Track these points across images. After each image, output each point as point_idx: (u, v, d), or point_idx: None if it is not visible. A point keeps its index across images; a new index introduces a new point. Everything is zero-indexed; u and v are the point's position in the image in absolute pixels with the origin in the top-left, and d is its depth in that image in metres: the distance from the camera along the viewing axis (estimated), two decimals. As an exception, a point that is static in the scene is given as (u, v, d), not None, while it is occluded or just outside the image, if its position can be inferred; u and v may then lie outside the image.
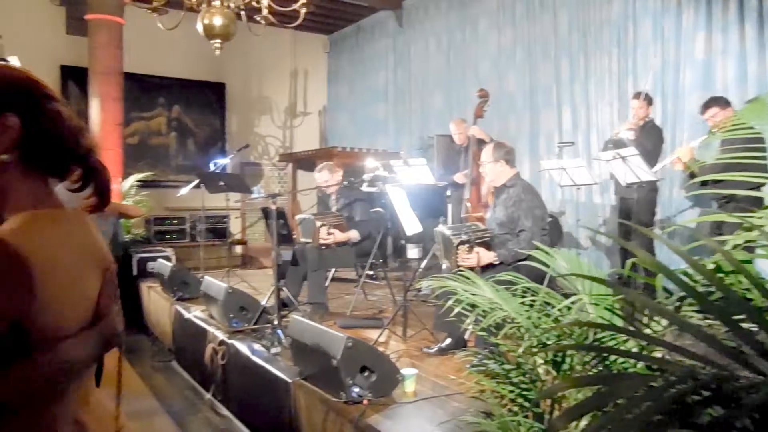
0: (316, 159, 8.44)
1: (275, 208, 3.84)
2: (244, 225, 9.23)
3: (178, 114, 9.28)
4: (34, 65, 6.12)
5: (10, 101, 0.99)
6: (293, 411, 2.96)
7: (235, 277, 5.64)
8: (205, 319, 4.36)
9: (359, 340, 2.75)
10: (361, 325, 4.08)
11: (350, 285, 5.80)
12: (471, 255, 3.32)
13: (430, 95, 8.24)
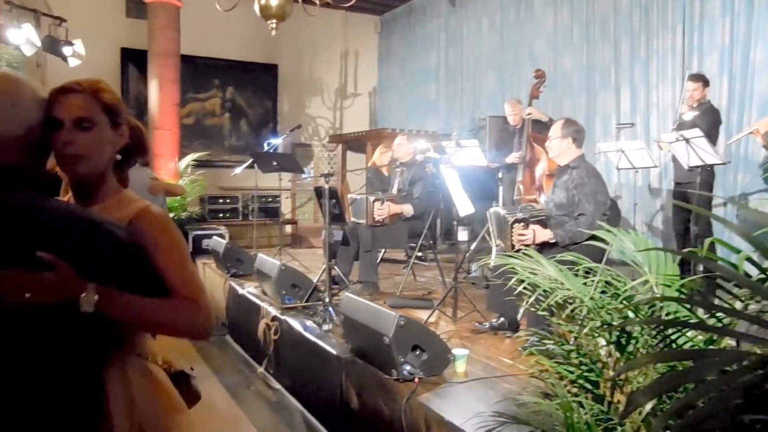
0: (366, 140, 8.47)
1: (328, 187, 3.88)
2: (294, 205, 9.38)
3: (232, 95, 9.45)
4: (97, 48, 6.36)
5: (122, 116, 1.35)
6: (344, 386, 3.01)
7: (286, 256, 5.74)
8: (258, 295, 4.46)
9: (411, 318, 2.76)
10: (410, 306, 4.09)
11: (399, 266, 5.82)
12: (527, 232, 3.27)
13: (482, 76, 8.11)
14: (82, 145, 1.26)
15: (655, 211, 5.82)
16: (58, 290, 1.10)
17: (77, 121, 1.25)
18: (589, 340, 1.48)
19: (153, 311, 1.23)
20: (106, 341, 1.21)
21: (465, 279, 4.87)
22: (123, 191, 1.37)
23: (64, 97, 1.27)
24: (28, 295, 1.08)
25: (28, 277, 1.08)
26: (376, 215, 4.45)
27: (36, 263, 1.08)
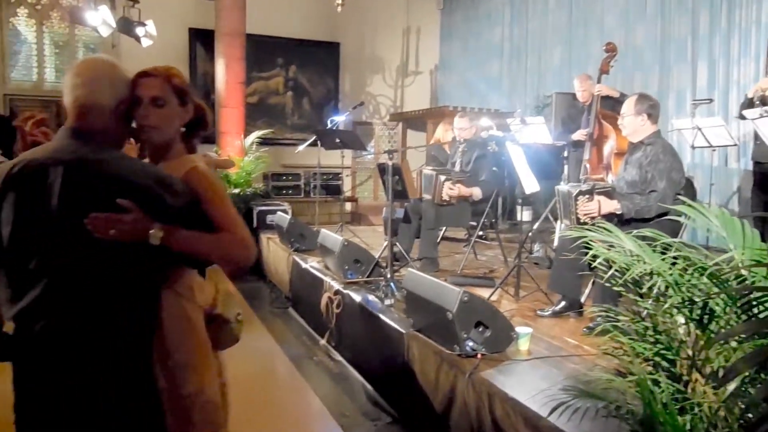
0: (427, 118, 8.42)
1: (391, 164, 3.89)
2: (355, 183, 9.47)
3: (295, 74, 9.57)
4: (167, 28, 6.57)
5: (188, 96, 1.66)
6: (406, 360, 3.04)
7: (347, 232, 5.82)
8: (321, 269, 4.55)
9: (475, 295, 2.75)
10: (471, 284, 4.07)
11: (459, 244, 5.80)
12: (591, 203, 3.18)
13: (548, 52, 7.87)
14: (155, 119, 1.58)
15: (732, 192, 5.54)
16: (133, 228, 1.37)
17: (153, 99, 1.57)
18: (666, 317, 1.43)
19: (206, 244, 1.51)
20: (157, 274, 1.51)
21: (527, 259, 4.81)
22: (185, 155, 1.68)
23: (144, 80, 1.58)
24: (112, 232, 1.35)
25: (112, 218, 1.36)
26: (445, 195, 4.42)
27: (118, 208, 1.37)
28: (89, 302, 1.38)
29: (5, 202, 1.40)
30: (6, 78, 8.64)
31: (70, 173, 1.38)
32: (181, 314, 1.58)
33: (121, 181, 1.40)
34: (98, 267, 1.39)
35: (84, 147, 1.44)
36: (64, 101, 1.51)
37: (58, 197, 1.37)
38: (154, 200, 1.42)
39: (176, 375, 1.56)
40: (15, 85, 8.75)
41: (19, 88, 8.77)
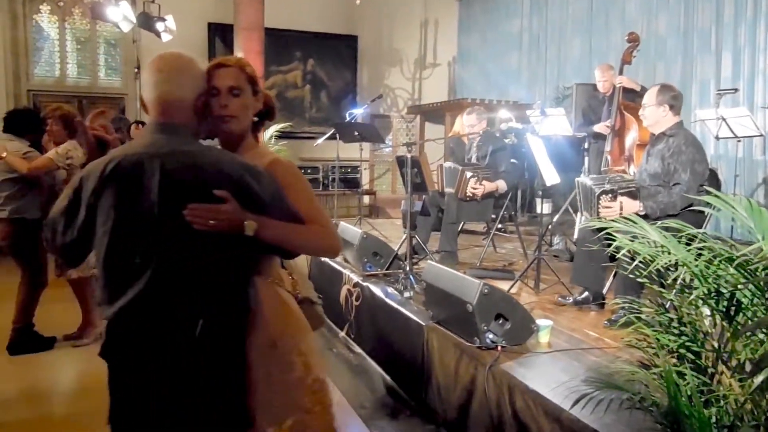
0: (445, 111, 8.39)
1: (410, 156, 3.88)
2: (373, 176, 9.47)
3: (313, 67, 9.59)
4: (186, 23, 6.60)
5: (259, 86, 1.68)
6: (426, 352, 3.05)
7: (366, 225, 5.82)
8: (340, 262, 4.56)
9: (495, 287, 2.74)
10: (491, 276, 4.05)
11: (478, 237, 5.78)
12: (613, 204, 3.14)
13: (567, 42, 7.78)
14: (233, 108, 1.60)
15: (758, 183, 5.44)
16: (229, 219, 1.40)
17: (230, 89, 1.59)
18: (692, 309, 1.41)
19: (296, 234, 1.54)
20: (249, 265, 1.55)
21: (547, 251, 4.78)
22: (258, 146, 1.71)
23: (220, 70, 1.60)
24: (211, 223, 1.39)
25: (211, 209, 1.40)
26: (470, 191, 4.39)
27: (213, 199, 1.40)
28: (190, 292, 1.44)
29: (103, 198, 1.45)
30: (29, 74, 8.77)
31: (166, 166, 1.43)
32: (279, 302, 1.62)
33: (215, 172, 1.44)
34: (198, 257, 1.44)
35: (174, 140, 1.48)
36: (144, 97, 1.54)
37: (158, 190, 1.42)
38: (246, 190, 1.45)
39: (283, 360, 1.59)
40: (38, 80, 8.88)
41: (42, 84, 8.91)
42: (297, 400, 1.60)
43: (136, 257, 1.43)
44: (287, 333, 1.61)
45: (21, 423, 3.01)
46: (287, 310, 1.64)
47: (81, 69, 9.20)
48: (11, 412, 3.09)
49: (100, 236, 1.46)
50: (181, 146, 1.47)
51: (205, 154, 1.49)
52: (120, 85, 9.26)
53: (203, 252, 1.44)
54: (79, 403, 3.29)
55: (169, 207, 1.41)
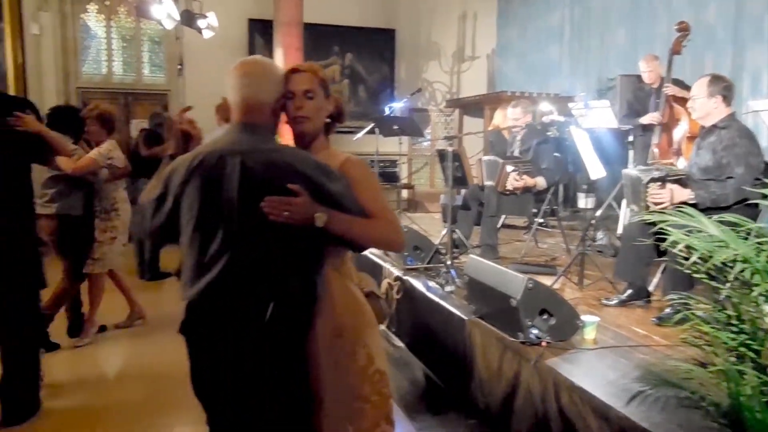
0: (484, 104, 8.31)
1: (451, 150, 3.86)
2: (411, 170, 9.46)
3: (351, 61, 9.62)
4: (226, 19, 6.70)
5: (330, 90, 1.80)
6: (468, 347, 3.04)
7: (405, 219, 5.82)
8: (380, 255, 4.58)
9: (540, 282, 2.71)
10: (533, 271, 4.01)
11: (519, 231, 5.72)
12: (663, 191, 3.05)
13: (611, 32, 7.58)
14: (308, 110, 1.72)
15: (813, 177, 5.22)
16: (302, 211, 1.52)
17: (305, 92, 1.72)
18: (752, 306, 1.37)
19: (363, 228, 1.64)
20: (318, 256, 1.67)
21: (590, 247, 4.69)
22: (330, 146, 1.84)
23: (296, 75, 1.73)
24: (285, 214, 1.51)
25: (285, 201, 1.51)
26: (509, 185, 4.33)
27: (287, 192, 1.52)
28: (262, 278, 1.57)
29: (189, 188, 1.61)
30: (78, 72, 9.05)
31: (246, 163, 1.56)
32: (348, 294, 1.74)
33: (289, 168, 1.57)
34: (271, 246, 1.57)
35: (254, 139, 1.63)
36: (229, 99, 1.69)
37: (238, 183, 1.56)
38: (316, 186, 1.57)
39: (348, 350, 1.71)
40: (86, 78, 9.16)
41: (90, 81, 9.18)
42: (358, 389, 1.71)
43: (215, 244, 1.57)
44: (354, 324, 1.72)
45: (70, 410, 3.12)
46: (355, 302, 1.75)
47: (126, 66, 9.45)
48: (61, 399, 3.21)
49: (185, 223, 1.62)
50: (260, 144, 1.62)
51: (281, 151, 1.63)
52: (164, 82, 9.47)
53: (276, 241, 1.56)
54: (124, 391, 3.40)
55: (247, 200, 1.54)
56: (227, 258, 1.55)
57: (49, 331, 3.80)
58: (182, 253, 1.65)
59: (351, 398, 1.71)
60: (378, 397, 1.75)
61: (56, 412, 3.06)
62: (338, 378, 1.70)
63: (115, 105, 9.30)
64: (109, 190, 3.98)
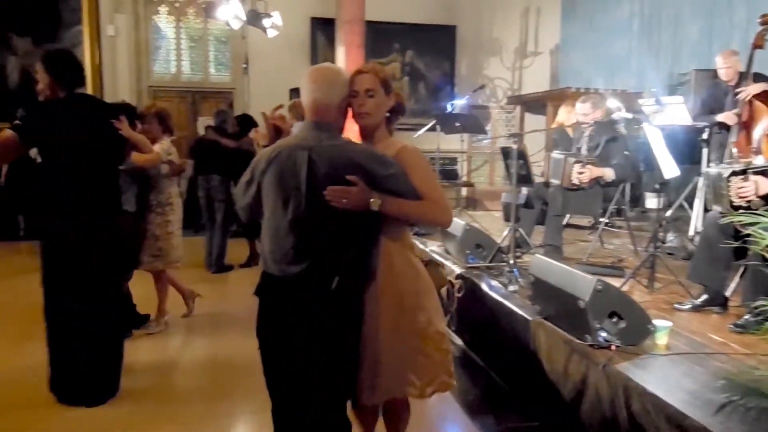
0: (547, 101, 8.13)
1: (516, 147, 3.80)
2: (470, 168, 9.37)
3: (411, 59, 9.61)
4: (290, 18, 6.84)
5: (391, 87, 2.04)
6: (532, 348, 2.99)
7: (466, 217, 5.78)
8: (441, 253, 4.57)
9: (609, 284, 2.63)
10: (599, 273, 3.87)
11: (583, 231, 5.57)
12: (747, 183, 2.89)
13: (684, 25, 7.26)
14: (369, 107, 1.97)
15: None
16: (358, 198, 1.80)
17: (366, 91, 1.96)
18: None
19: (413, 209, 1.91)
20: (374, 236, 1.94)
21: (660, 248, 4.52)
22: (390, 137, 2.07)
23: (359, 76, 1.98)
24: (344, 201, 1.79)
25: (344, 190, 1.79)
26: (575, 178, 4.21)
27: (347, 181, 1.80)
28: (328, 255, 1.85)
29: (267, 176, 1.91)
30: (149, 71, 9.44)
31: (313, 156, 1.84)
32: (408, 264, 2.00)
33: (349, 161, 1.84)
34: (332, 226, 1.84)
35: (322, 135, 1.89)
36: (302, 101, 1.97)
37: (305, 174, 1.83)
38: (372, 175, 1.83)
39: (409, 314, 1.96)
40: (157, 77, 9.54)
41: (161, 80, 9.55)
42: (419, 347, 1.98)
43: (287, 224, 1.85)
44: (413, 291, 1.98)
45: (141, 393, 3.27)
46: (414, 270, 2.01)
47: (194, 65, 9.78)
48: (134, 382, 3.36)
49: (265, 204, 1.93)
50: (326, 140, 1.88)
51: (342, 146, 1.89)
52: (229, 80, 9.75)
53: (337, 222, 1.83)
54: (191, 378, 3.53)
55: (313, 187, 1.82)
56: (297, 237, 1.84)
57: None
58: (262, 232, 1.95)
59: (414, 355, 1.97)
60: (438, 353, 2.02)
61: (129, 394, 3.20)
62: (400, 339, 1.94)
63: (184, 103, 9.67)
64: (165, 185, 4.10)
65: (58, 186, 2.90)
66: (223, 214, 6.01)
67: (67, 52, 3.09)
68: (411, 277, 1.98)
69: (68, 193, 2.90)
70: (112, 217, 3.10)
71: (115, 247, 3.09)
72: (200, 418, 2.99)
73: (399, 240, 1.99)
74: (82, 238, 2.93)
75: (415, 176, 1.91)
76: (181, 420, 2.96)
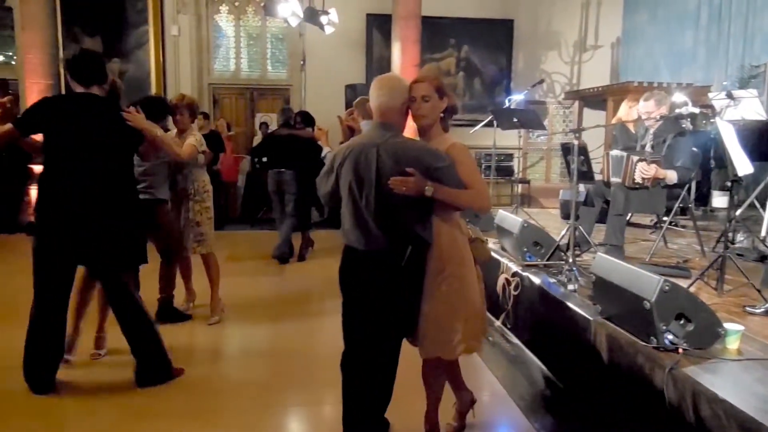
0: (607, 95, 7.91)
1: (577, 144, 3.70)
2: (525, 164, 9.22)
3: (467, 54, 9.53)
4: (346, 15, 6.88)
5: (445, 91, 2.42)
6: (592, 349, 2.91)
7: (522, 214, 5.68)
8: (496, 250, 4.51)
9: (677, 284, 2.54)
10: (663, 273, 3.74)
11: (645, 230, 5.39)
12: None
13: (757, 14, 6.91)
14: (424, 110, 2.36)
15: None
16: (416, 186, 2.17)
17: (423, 97, 2.35)
18: None
19: (459, 196, 2.29)
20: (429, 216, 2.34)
21: (729, 249, 4.32)
22: (444, 134, 2.44)
23: (416, 84, 2.36)
24: (404, 189, 2.17)
25: (403, 180, 2.17)
26: (638, 177, 4.05)
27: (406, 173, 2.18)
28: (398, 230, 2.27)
29: (344, 169, 2.31)
30: (210, 69, 9.71)
31: (380, 152, 2.24)
32: (452, 239, 2.37)
33: (409, 155, 2.23)
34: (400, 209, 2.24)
35: (386, 134, 2.30)
36: (370, 104, 2.38)
37: (374, 167, 2.24)
38: (427, 167, 2.22)
39: (448, 280, 2.35)
40: (217, 75, 9.81)
41: (220, 78, 9.82)
42: (457, 309, 2.36)
43: (361, 208, 2.27)
44: (454, 261, 2.36)
45: (201, 380, 3.38)
46: (456, 245, 2.38)
47: (252, 63, 10.00)
48: (193, 369, 3.48)
49: (342, 192, 2.33)
50: (390, 138, 2.29)
51: (403, 143, 2.30)
52: (285, 77, 9.92)
53: (405, 205, 2.23)
54: (246, 367, 3.61)
55: (381, 177, 2.23)
56: (369, 216, 2.26)
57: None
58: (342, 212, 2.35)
59: (455, 311, 2.36)
60: (474, 316, 2.43)
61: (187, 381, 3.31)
62: (441, 300, 2.35)
63: (242, 100, 9.91)
64: (199, 174, 4.20)
65: (59, 179, 2.97)
66: (293, 207, 6.14)
67: (87, 53, 3.16)
68: (452, 251, 2.36)
69: (70, 186, 2.96)
70: (124, 209, 3.11)
71: (121, 240, 3.10)
72: (251, 408, 3.04)
73: (447, 220, 2.36)
74: (83, 233, 2.98)
75: (462, 169, 2.29)
76: (233, 409, 3.04)
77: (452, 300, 2.35)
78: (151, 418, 2.91)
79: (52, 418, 2.92)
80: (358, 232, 2.28)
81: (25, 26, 7.98)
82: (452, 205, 2.31)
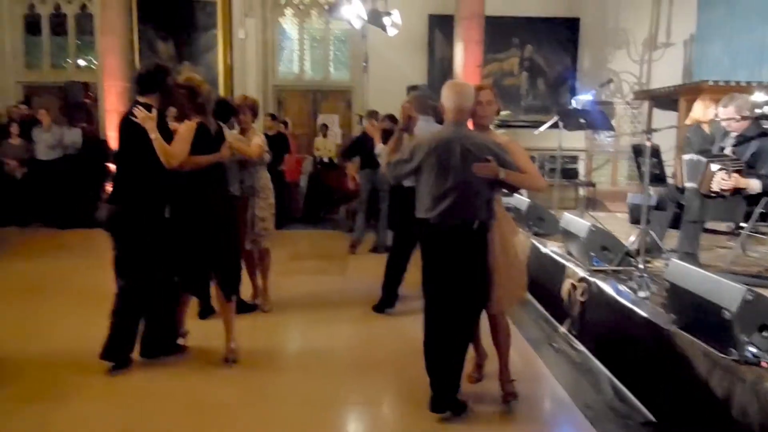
0: (679, 95, 7.58)
1: (650, 145, 3.57)
2: (591, 167, 8.97)
3: (531, 53, 9.36)
4: (408, 16, 6.84)
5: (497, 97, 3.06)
6: (665, 359, 2.80)
7: (589, 218, 5.52)
8: (562, 254, 4.41)
9: (762, 294, 2.41)
10: (744, 282, 3.56)
11: (720, 237, 5.12)
12: None
13: None
14: (490, 112, 3.00)
15: None
16: (492, 171, 2.71)
17: (487, 102, 2.94)
18: None
19: (522, 178, 2.85)
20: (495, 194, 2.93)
21: (816, 259, 4.06)
22: (492, 131, 3.09)
23: (481, 91, 2.93)
24: (484, 173, 2.71)
25: (483, 166, 2.71)
26: (716, 186, 3.81)
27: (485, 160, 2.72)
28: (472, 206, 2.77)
29: (430, 158, 2.79)
30: (275, 71, 9.94)
31: (463, 144, 2.75)
32: (504, 214, 3.05)
33: (484, 147, 2.77)
34: (478, 189, 2.77)
35: (462, 130, 2.85)
36: (445, 105, 2.84)
37: (459, 156, 2.75)
38: (497, 155, 2.75)
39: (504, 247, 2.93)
40: (282, 77, 10.04)
41: (285, 80, 10.04)
42: (510, 270, 2.95)
43: (446, 188, 2.75)
44: (508, 231, 3.01)
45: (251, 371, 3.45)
46: (508, 220, 3.09)
47: (315, 65, 10.18)
48: (244, 362, 3.57)
49: (426, 177, 2.81)
50: (467, 133, 2.85)
51: (479, 137, 2.86)
52: (347, 79, 10.03)
53: (478, 186, 2.76)
54: (296, 366, 3.65)
55: (464, 164, 2.73)
56: (453, 196, 2.74)
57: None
58: (420, 194, 2.84)
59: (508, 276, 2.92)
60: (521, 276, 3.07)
61: (232, 375, 3.39)
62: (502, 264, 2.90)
63: (305, 101, 10.09)
64: (262, 171, 4.34)
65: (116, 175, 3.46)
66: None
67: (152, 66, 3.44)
68: (507, 222, 3.05)
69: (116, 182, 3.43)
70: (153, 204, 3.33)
71: (136, 235, 3.30)
72: (307, 404, 3.08)
73: (497, 201, 2.95)
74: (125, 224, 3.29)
75: (517, 158, 2.84)
76: (291, 404, 3.09)
77: (518, 259, 3.06)
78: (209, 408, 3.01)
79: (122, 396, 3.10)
80: (441, 207, 2.76)
81: (104, 31, 8.41)
82: (517, 185, 2.93)
